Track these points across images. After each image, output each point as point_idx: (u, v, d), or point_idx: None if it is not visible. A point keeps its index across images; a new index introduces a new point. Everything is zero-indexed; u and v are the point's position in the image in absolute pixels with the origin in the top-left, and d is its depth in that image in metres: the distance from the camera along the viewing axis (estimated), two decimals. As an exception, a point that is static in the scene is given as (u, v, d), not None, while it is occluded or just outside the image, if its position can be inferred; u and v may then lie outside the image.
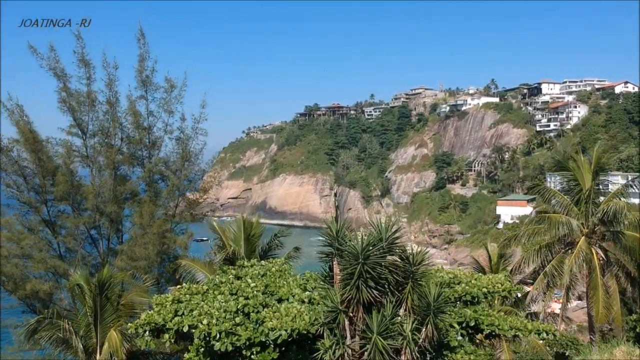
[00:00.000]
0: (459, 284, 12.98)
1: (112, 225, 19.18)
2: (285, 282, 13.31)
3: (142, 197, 19.18)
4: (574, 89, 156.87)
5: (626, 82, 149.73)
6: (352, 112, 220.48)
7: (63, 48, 20.47)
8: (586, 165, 17.31)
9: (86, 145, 19.76)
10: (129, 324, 12.01)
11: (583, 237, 16.76)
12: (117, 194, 19.11)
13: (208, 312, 11.98)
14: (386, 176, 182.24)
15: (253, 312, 11.88)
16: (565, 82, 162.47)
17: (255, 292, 12.91)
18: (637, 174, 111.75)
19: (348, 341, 9.82)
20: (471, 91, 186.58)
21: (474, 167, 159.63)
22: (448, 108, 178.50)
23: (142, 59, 20.80)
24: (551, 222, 16.72)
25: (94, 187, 18.15)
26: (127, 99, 20.95)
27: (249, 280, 13.99)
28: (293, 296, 12.52)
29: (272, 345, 10.92)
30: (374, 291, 9.35)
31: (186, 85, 20.80)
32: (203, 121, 21.02)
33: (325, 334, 10.13)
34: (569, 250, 17.39)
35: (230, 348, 10.74)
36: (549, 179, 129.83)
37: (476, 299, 12.59)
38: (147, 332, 11.43)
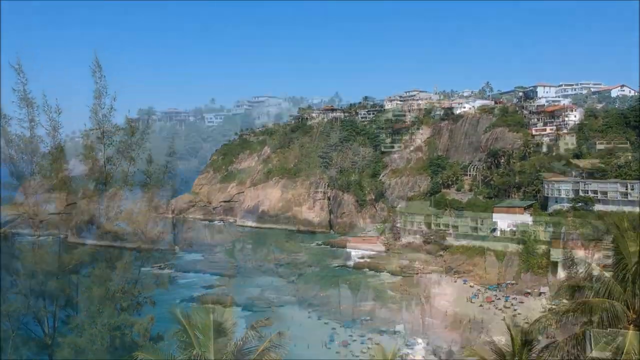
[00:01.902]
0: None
1: (57, 301, 15.94)
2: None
3: (93, 269, 15.85)
4: (569, 92, 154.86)
5: (622, 86, 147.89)
6: (345, 114, 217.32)
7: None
8: (631, 235, 14.37)
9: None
10: None
11: (631, 327, 13.81)
12: (64, 263, 15.90)
13: None
14: (380, 180, 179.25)
15: None
16: (561, 85, 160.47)
17: None
18: (636, 181, 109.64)
19: None
20: (466, 94, 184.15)
21: (469, 171, 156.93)
22: (442, 111, 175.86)
23: (98, 95, 17.61)
24: (592, 309, 13.79)
25: (25, 264, 14.77)
26: (83, 139, 17.74)
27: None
28: None
29: None
30: None
31: (149, 127, 17.64)
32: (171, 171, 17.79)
33: None
34: (611, 339, 14.42)
35: None
36: (546, 186, 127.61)
37: None
38: None
